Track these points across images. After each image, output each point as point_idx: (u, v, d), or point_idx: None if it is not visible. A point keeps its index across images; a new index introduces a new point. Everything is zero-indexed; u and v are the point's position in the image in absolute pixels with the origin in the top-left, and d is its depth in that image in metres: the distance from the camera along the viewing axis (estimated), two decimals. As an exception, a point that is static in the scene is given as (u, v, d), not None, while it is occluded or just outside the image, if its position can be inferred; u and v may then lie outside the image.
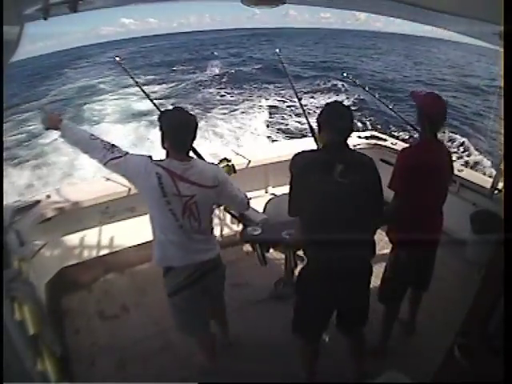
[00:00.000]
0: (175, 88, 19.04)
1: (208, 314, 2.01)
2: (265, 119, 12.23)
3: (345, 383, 2.09)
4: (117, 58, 2.48)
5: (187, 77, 22.29)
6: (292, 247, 2.32)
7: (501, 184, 2.85)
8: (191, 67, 26.11)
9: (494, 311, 1.05)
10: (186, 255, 1.72)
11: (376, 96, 3.31)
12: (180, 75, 23.43)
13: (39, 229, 2.66)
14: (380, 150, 3.73)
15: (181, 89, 18.80)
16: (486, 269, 1.22)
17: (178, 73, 24.61)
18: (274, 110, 13.29)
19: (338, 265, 1.58)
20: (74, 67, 31.08)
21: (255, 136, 10.51)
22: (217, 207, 2.26)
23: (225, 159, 2.26)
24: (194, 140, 1.64)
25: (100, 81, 21.34)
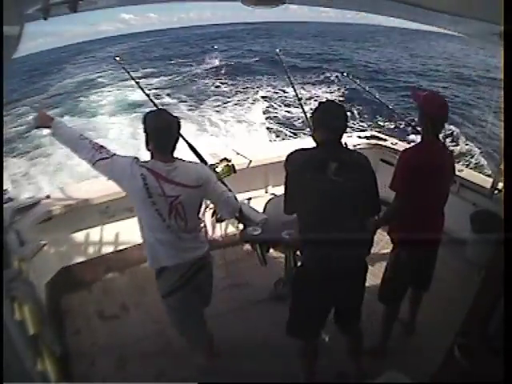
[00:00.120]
0: (172, 80, 19.23)
1: (203, 312, 2.03)
2: (261, 108, 12.64)
3: (345, 383, 2.09)
4: (117, 58, 2.48)
5: (185, 69, 22.46)
6: (292, 247, 2.32)
7: (501, 184, 2.86)
8: (189, 60, 26.16)
9: (494, 311, 1.05)
10: (176, 254, 1.75)
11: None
12: (178, 67, 23.56)
13: (39, 229, 2.66)
14: (380, 150, 3.73)
15: (179, 81, 18.98)
16: (486, 269, 1.22)
17: (176, 66, 24.70)
18: (270, 100, 13.67)
19: (333, 262, 1.59)
20: (74, 63, 30.96)
21: (252, 125, 10.75)
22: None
23: (225, 159, 2.25)
24: (178, 141, 1.67)
25: (99, 75, 21.31)
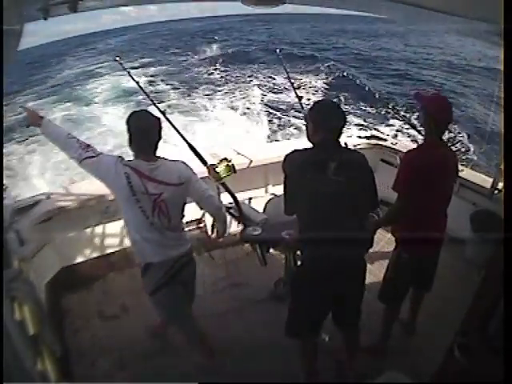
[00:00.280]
0: (169, 69, 19.61)
1: (189, 307, 2.07)
2: (259, 94, 13.11)
3: (345, 383, 2.09)
4: (117, 58, 2.48)
5: (182, 59, 22.83)
6: (292, 247, 2.32)
7: (501, 184, 2.85)
8: (187, 50, 26.25)
9: (494, 311, 1.05)
10: (161, 251, 1.80)
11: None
12: (175, 57, 23.89)
13: (39, 229, 2.66)
14: (380, 150, 3.73)
15: (175, 70, 19.28)
16: (486, 269, 1.22)
17: (174, 55, 24.97)
18: (266, 88, 14.02)
19: (332, 262, 1.59)
20: (73, 55, 31.07)
21: (251, 114, 11.05)
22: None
23: (225, 159, 2.25)
24: (160, 141, 1.73)
25: (98, 66, 21.45)
